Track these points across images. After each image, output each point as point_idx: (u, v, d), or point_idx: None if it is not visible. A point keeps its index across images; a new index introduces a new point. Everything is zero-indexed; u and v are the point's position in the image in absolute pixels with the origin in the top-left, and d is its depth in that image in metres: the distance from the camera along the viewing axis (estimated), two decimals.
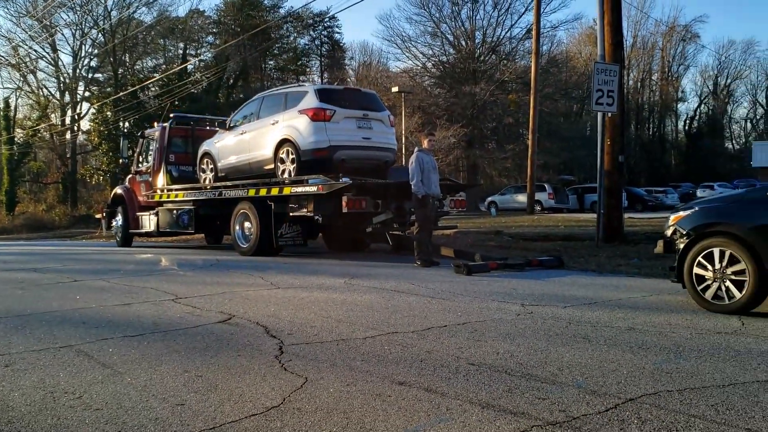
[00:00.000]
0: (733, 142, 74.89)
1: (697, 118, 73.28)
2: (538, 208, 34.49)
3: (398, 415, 3.31)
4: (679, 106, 73.59)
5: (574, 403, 3.46)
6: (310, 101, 11.95)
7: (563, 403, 3.46)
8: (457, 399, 3.55)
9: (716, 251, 6.16)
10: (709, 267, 6.19)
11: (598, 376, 3.96)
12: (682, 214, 6.79)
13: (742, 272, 5.95)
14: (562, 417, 3.25)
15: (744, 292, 5.93)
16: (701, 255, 6.27)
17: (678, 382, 3.82)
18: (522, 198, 32.86)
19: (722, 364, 4.24)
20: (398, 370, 4.12)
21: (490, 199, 39.36)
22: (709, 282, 6.20)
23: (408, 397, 3.59)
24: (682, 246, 6.49)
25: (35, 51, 51.34)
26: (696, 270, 6.29)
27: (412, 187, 10.45)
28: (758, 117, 74.35)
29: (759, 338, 5.00)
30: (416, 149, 10.94)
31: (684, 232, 6.56)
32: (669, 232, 6.88)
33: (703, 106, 73.97)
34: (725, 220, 6.29)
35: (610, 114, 12.76)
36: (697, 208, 6.72)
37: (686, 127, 73.26)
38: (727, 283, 6.06)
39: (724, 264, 6.08)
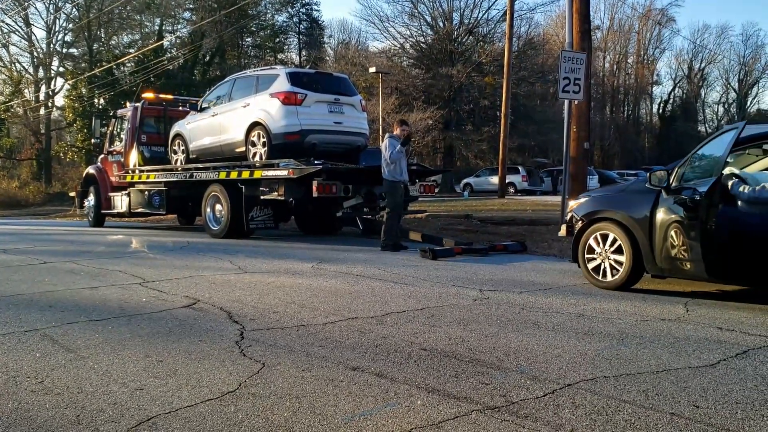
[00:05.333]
0: (706, 125, 75.82)
1: (671, 101, 74.18)
2: (511, 190, 34.87)
3: (348, 400, 3.48)
4: (653, 89, 74.36)
5: (514, 389, 3.66)
6: (282, 85, 12.02)
7: (504, 388, 3.66)
8: (406, 384, 3.73)
9: (601, 235, 7.00)
10: (597, 249, 7.04)
11: (542, 362, 4.17)
12: (579, 201, 7.67)
13: (621, 253, 6.79)
14: (502, 402, 3.45)
15: (623, 270, 6.78)
16: (591, 238, 7.11)
17: (615, 368, 4.04)
18: (496, 180, 33.17)
19: (660, 350, 4.48)
20: (353, 356, 4.30)
21: (465, 181, 39.75)
22: (597, 262, 7.07)
23: (359, 382, 3.77)
24: (576, 230, 7.35)
25: (7, 24, 50.44)
26: (587, 251, 7.16)
27: (388, 158, 10.57)
28: (730, 101, 75.44)
29: (699, 325, 5.25)
30: (388, 135, 11.04)
31: (578, 218, 7.39)
32: (568, 218, 7.75)
33: (677, 89, 74.85)
34: (611, 208, 7.07)
35: (576, 102, 13.01)
36: (589, 197, 7.65)
37: (660, 111, 74.06)
38: (610, 262, 6.92)
39: (608, 246, 6.93)
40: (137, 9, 52.64)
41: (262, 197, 12.36)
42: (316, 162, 11.56)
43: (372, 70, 37.40)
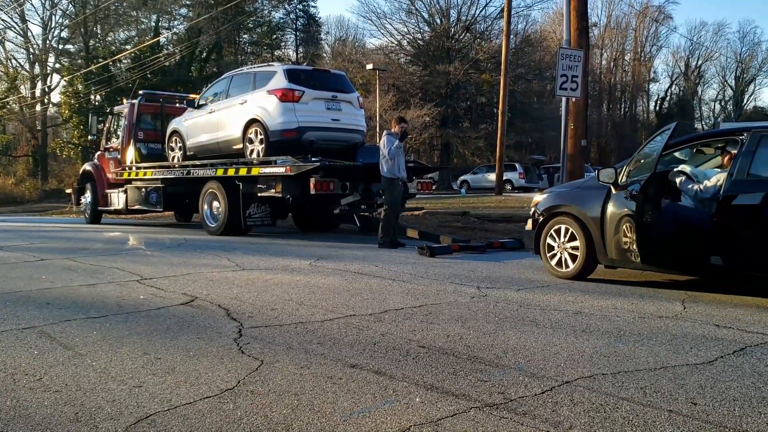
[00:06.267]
0: (703, 123, 75.90)
1: (667, 98, 74.15)
2: (508, 187, 34.89)
3: (347, 397, 3.48)
4: (650, 86, 74.38)
5: (513, 386, 3.66)
6: (279, 82, 12.01)
7: (503, 386, 3.66)
8: (404, 381, 3.73)
9: (560, 228, 7.54)
10: (556, 241, 7.59)
11: (540, 359, 4.17)
12: (542, 196, 8.23)
13: (577, 246, 7.30)
14: (500, 399, 3.45)
15: (577, 261, 7.31)
16: (551, 231, 7.65)
17: (613, 366, 4.04)
18: (493, 177, 33.14)
19: (658, 347, 4.48)
20: (351, 353, 4.29)
21: (462, 178, 39.75)
22: (556, 253, 7.60)
23: (358, 379, 3.76)
24: (538, 224, 7.91)
25: (3, 20, 50.37)
26: (548, 243, 7.71)
27: (385, 155, 10.59)
28: (727, 99, 75.50)
29: (696, 323, 5.27)
30: (386, 132, 11.06)
31: (539, 212, 7.95)
32: (531, 212, 8.29)
33: (674, 87, 74.86)
34: (568, 203, 7.60)
35: (574, 99, 13.02)
36: (550, 193, 8.22)
37: (657, 108, 74.06)
38: (567, 253, 7.45)
39: (565, 239, 7.47)
40: (134, 5, 52.52)
41: (259, 194, 12.36)
42: (313, 159, 11.56)
43: (369, 67, 37.35)
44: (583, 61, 12.71)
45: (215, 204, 13.30)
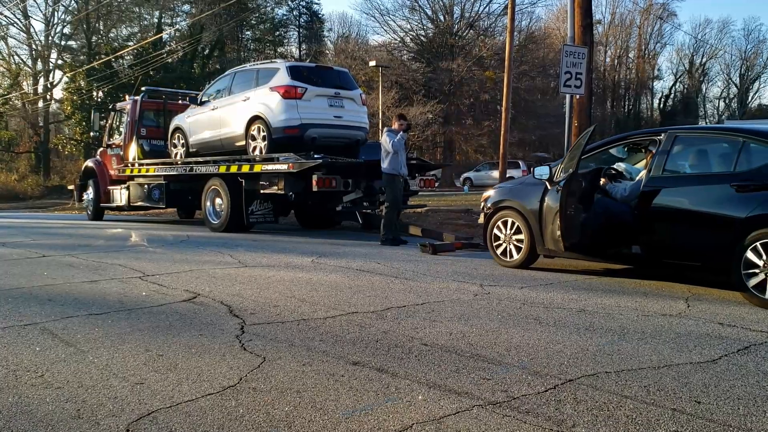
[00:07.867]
0: (707, 120, 75.68)
1: (671, 96, 73.99)
2: None
3: (349, 394, 3.47)
4: (654, 84, 74.21)
5: (516, 384, 3.64)
6: (282, 78, 11.99)
7: (506, 384, 3.65)
8: (407, 379, 3.71)
9: (503, 221, 8.13)
10: (502, 233, 8.17)
11: (543, 357, 4.16)
12: (491, 192, 8.71)
13: (521, 237, 7.88)
14: (503, 397, 3.44)
15: (522, 251, 7.90)
16: (498, 224, 8.21)
17: (617, 364, 4.02)
18: (496, 174, 33.06)
19: (661, 346, 4.46)
20: (354, 351, 4.28)
21: (465, 175, 39.69)
22: (502, 244, 8.17)
23: (360, 377, 3.75)
24: (486, 217, 8.46)
25: (5, 17, 50.27)
26: (494, 234, 8.27)
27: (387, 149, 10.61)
28: (731, 96, 75.23)
29: (700, 321, 5.25)
30: (386, 129, 11.05)
31: (488, 206, 8.46)
32: (481, 206, 8.78)
33: (678, 84, 74.66)
34: (511, 198, 8.15)
35: (577, 96, 12.99)
36: (498, 188, 8.78)
37: (661, 105, 73.90)
38: (513, 244, 8.04)
39: (510, 231, 8.04)
40: (136, 1, 52.49)
41: (262, 191, 12.34)
42: (315, 156, 11.55)
43: (372, 63, 37.31)
44: (587, 58, 12.67)
45: (218, 201, 13.31)
